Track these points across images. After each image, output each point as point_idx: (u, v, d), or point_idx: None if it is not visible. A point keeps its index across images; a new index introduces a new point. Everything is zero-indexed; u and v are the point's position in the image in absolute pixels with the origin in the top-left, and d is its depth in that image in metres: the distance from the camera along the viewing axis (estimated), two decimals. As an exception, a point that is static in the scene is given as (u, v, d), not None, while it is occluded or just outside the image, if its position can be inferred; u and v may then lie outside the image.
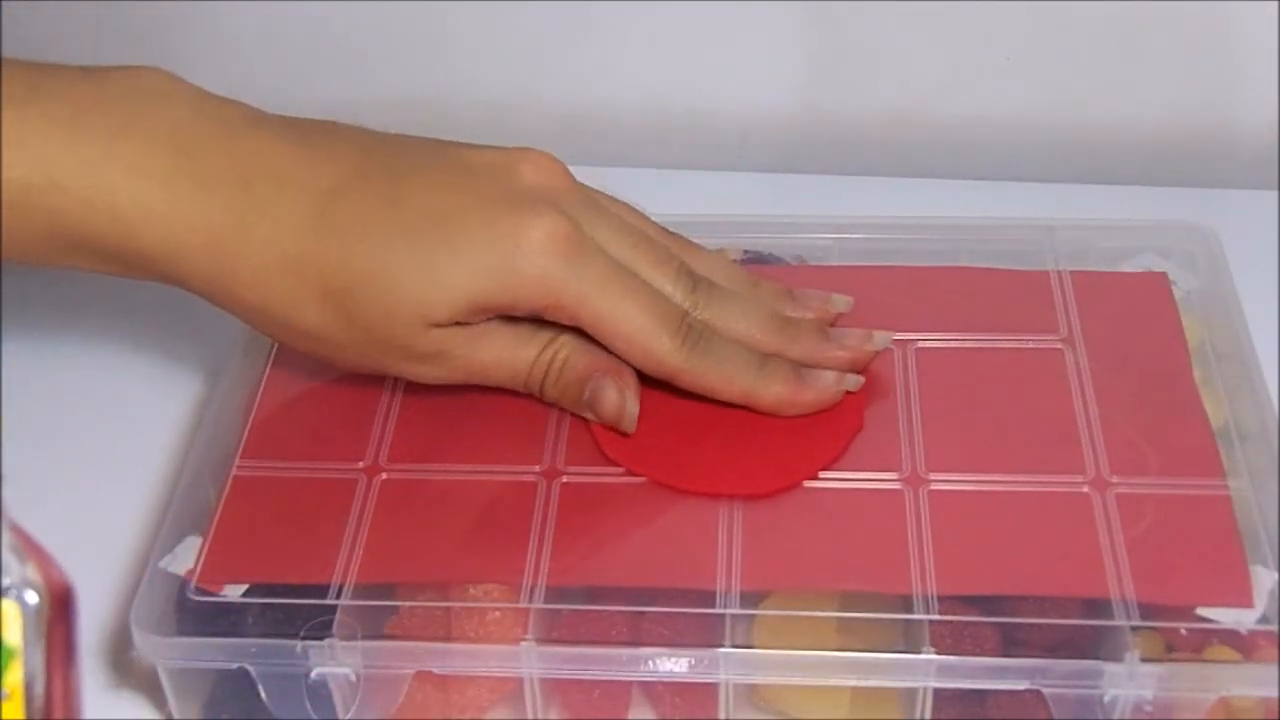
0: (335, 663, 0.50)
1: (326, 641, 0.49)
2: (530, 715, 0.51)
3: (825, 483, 0.54)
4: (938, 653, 0.48)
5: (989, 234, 0.63)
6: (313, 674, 0.50)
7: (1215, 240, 0.61)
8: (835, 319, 0.58)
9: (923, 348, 0.58)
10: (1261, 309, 0.61)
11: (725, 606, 0.50)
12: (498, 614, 0.50)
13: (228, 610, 0.51)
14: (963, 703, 0.49)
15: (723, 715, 0.51)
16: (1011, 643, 0.49)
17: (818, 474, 0.54)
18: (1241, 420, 0.55)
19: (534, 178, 0.54)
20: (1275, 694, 0.48)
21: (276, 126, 0.53)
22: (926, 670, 0.48)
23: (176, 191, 0.51)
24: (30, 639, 0.37)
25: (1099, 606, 0.49)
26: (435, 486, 0.54)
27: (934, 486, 0.53)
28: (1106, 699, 0.48)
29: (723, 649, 0.49)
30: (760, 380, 0.55)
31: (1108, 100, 0.74)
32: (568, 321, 0.53)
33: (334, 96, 0.77)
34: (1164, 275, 0.61)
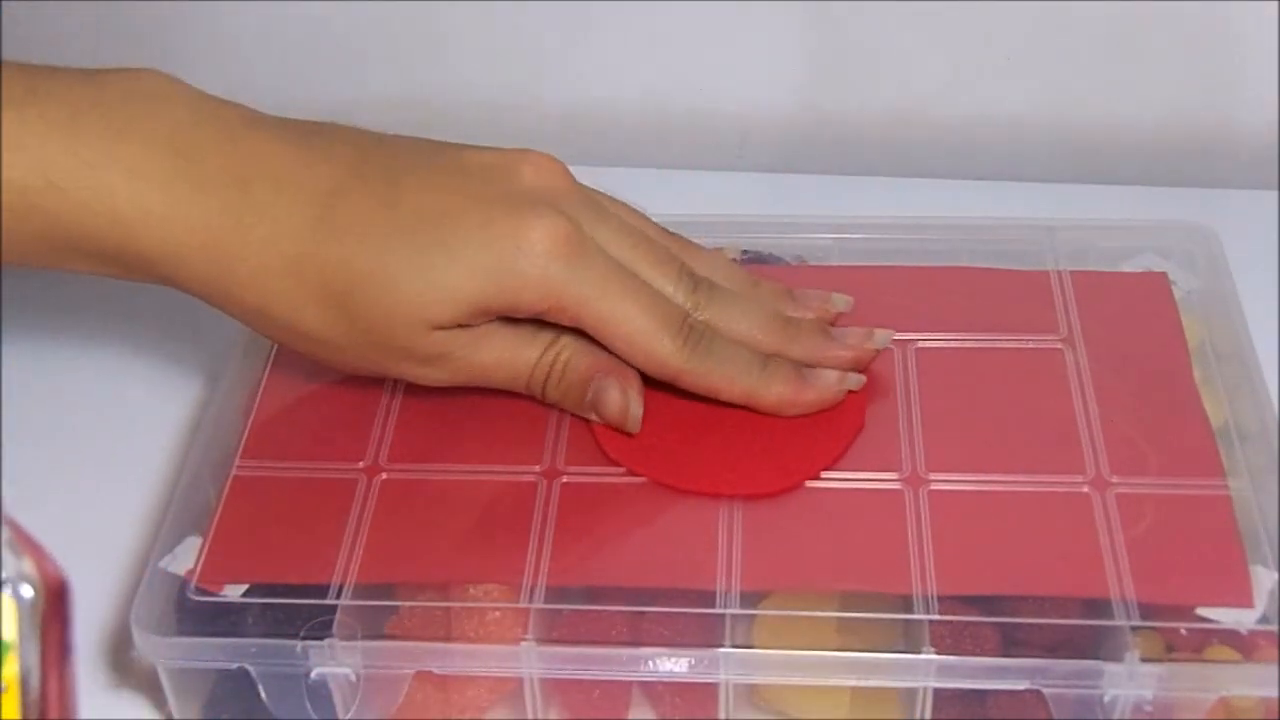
0: (335, 663, 0.50)
1: (326, 641, 0.49)
2: (530, 715, 0.51)
3: (825, 483, 0.54)
4: (938, 653, 0.48)
5: (989, 234, 0.63)
6: (313, 674, 0.50)
7: (1215, 240, 0.61)
8: (835, 318, 0.58)
9: (923, 348, 0.58)
10: (1261, 309, 0.61)
11: (725, 606, 0.50)
12: (498, 614, 0.50)
13: (228, 610, 0.51)
14: (963, 703, 0.49)
15: (723, 715, 0.51)
16: (1011, 643, 0.49)
17: (819, 474, 0.54)
18: (1241, 420, 0.55)
19: (534, 178, 0.54)
20: (1275, 694, 0.48)
21: (275, 128, 0.53)
22: (926, 670, 0.48)
23: (175, 193, 0.51)
24: (26, 633, 0.37)
25: (1099, 606, 0.49)
26: (435, 486, 0.54)
27: (934, 486, 0.53)
28: (1106, 699, 0.48)
29: (723, 649, 0.49)
30: (762, 380, 0.55)
31: (1108, 100, 0.74)
32: (569, 323, 0.53)
33: (334, 96, 0.77)
34: (1164, 275, 0.61)
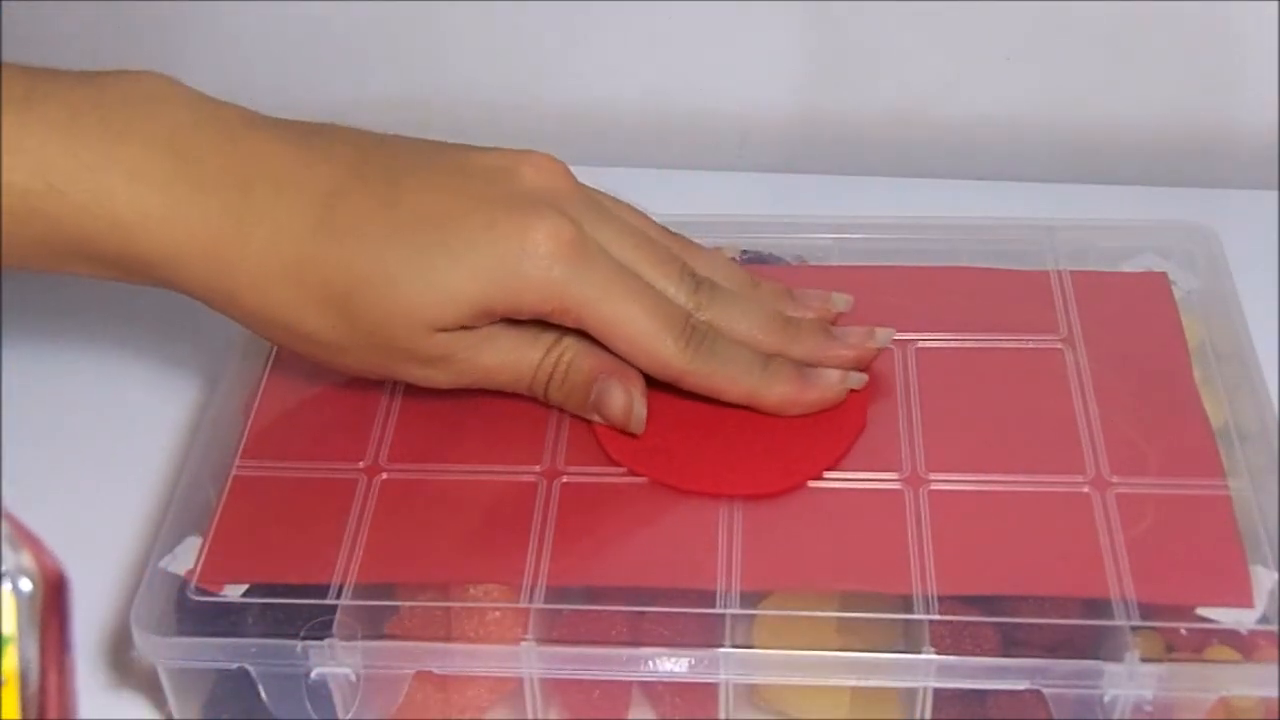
0: (335, 663, 0.50)
1: (326, 641, 0.49)
2: (530, 715, 0.51)
3: (825, 483, 0.54)
4: (938, 653, 0.48)
5: (989, 234, 0.63)
6: (313, 674, 0.50)
7: (1215, 240, 0.61)
8: (836, 318, 0.58)
9: (923, 348, 0.58)
10: (1261, 309, 0.61)
11: (725, 606, 0.50)
12: (498, 614, 0.50)
13: (228, 610, 0.51)
14: (963, 703, 0.49)
15: (723, 715, 0.51)
16: (1011, 643, 0.49)
17: (822, 474, 0.54)
18: (1241, 420, 0.55)
19: (535, 179, 0.54)
20: (1275, 694, 0.48)
21: (275, 129, 0.53)
22: (926, 670, 0.48)
23: (175, 195, 0.50)
24: (25, 627, 0.37)
25: (1099, 606, 0.49)
26: (435, 486, 0.54)
27: (934, 486, 0.53)
28: (1106, 699, 0.48)
29: (723, 649, 0.49)
30: (764, 380, 0.55)
31: (1108, 100, 0.74)
32: (571, 325, 0.53)
33: (334, 96, 0.77)
34: (1164, 275, 0.61)
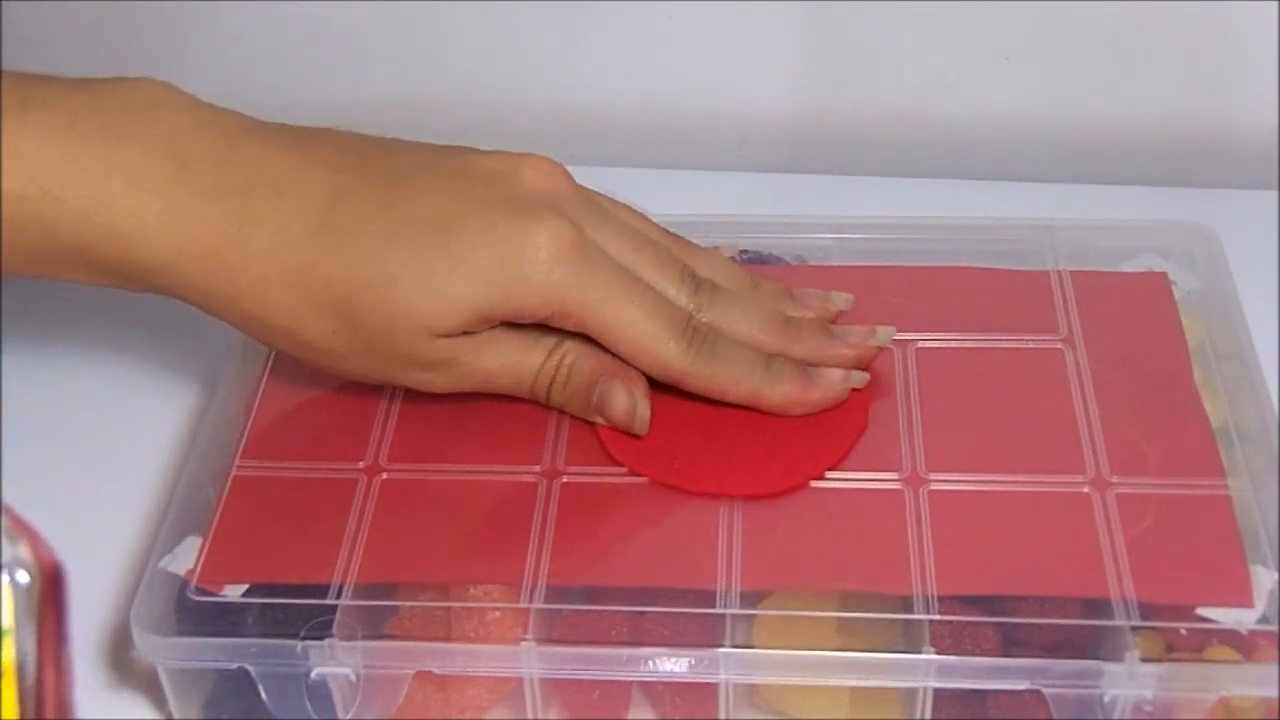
0: (335, 663, 0.50)
1: (326, 641, 0.49)
2: (530, 715, 0.51)
3: (825, 483, 0.54)
4: (938, 653, 0.48)
5: (989, 234, 0.63)
6: (313, 674, 0.50)
7: (1215, 240, 0.61)
8: (836, 317, 0.58)
9: (923, 348, 0.58)
10: (1261, 309, 0.61)
11: (725, 606, 0.50)
12: (498, 614, 0.50)
13: (228, 610, 0.51)
14: (963, 703, 0.49)
15: (723, 715, 0.51)
16: (1011, 643, 0.49)
17: (824, 474, 0.54)
18: (1241, 420, 0.55)
19: (535, 182, 0.54)
20: (1275, 694, 0.48)
21: (274, 134, 0.53)
22: (926, 670, 0.48)
23: (174, 200, 0.50)
24: (22, 619, 0.37)
25: (1099, 606, 0.49)
26: (435, 486, 0.54)
27: (934, 486, 0.53)
28: (1106, 699, 0.48)
29: (723, 649, 0.49)
30: (767, 380, 0.55)
31: (1108, 100, 0.74)
32: (573, 327, 0.53)
33: (334, 96, 0.77)
34: (1164, 275, 0.61)
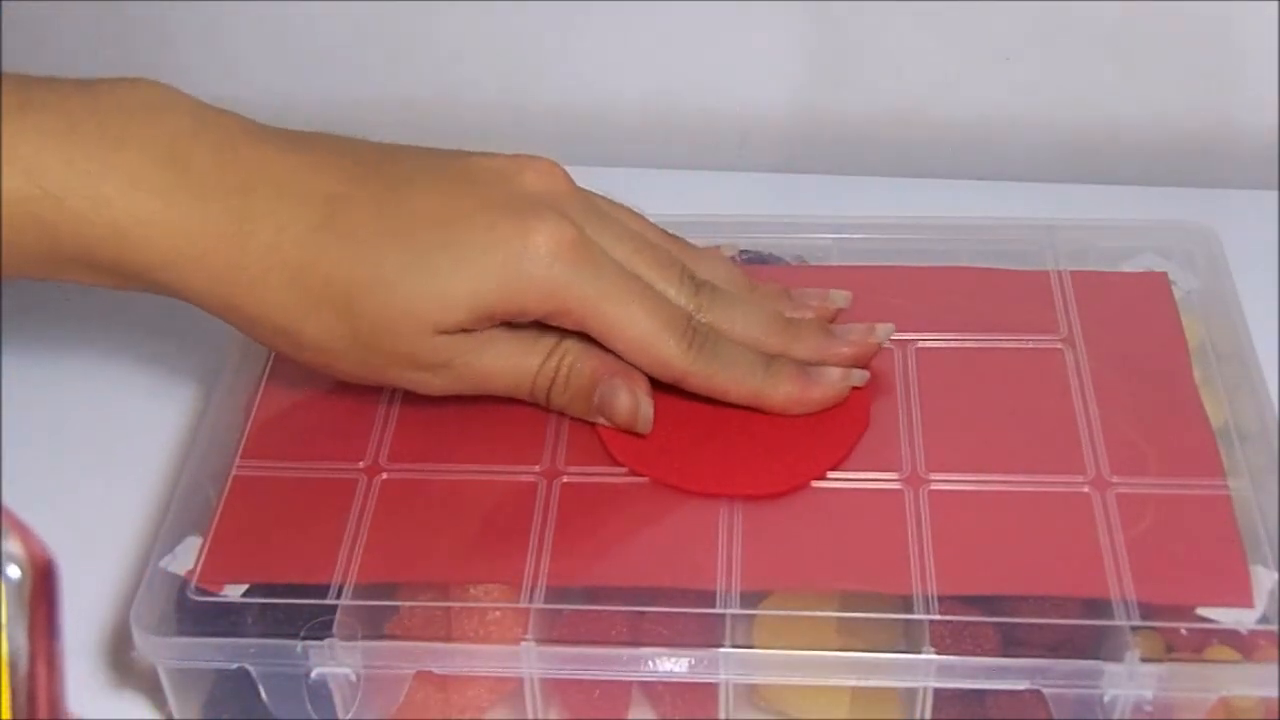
0: (335, 663, 0.50)
1: (326, 641, 0.49)
2: (530, 715, 0.51)
3: (825, 483, 0.54)
4: (938, 653, 0.48)
5: (989, 234, 0.63)
6: (313, 674, 0.50)
7: (1215, 240, 0.61)
8: (835, 315, 0.58)
9: (923, 348, 0.58)
10: (1261, 309, 0.61)
11: (725, 606, 0.50)
12: (498, 614, 0.50)
13: (228, 610, 0.51)
14: (963, 703, 0.49)
15: (723, 715, 0.51)
16: (1011, 643, 0.49)
17: (825, 474, 0.54)
18: (1241, 420, 0.55)
19: (536, 183, 0.54)
20: (1275, 694, 0.48)
21: (275, 137, 0.53)
22: (926, 670, 0.48)
23: (174, 202, 0.50)
24: (14, 614, 0.37)
25: (1099, 606, 0.49)
26: (435, 486, 0.54)
27: (934, 486, 0.53)
28: (1106, 699, 0.48)
29: (723, 649, 0.49)
30: (768, 380, 0.55)
31: (1108, 100, 0.74)
32: (573, 326, 0.53)
33: (334, 96, 0.77)
34: (1164, 275, 0.61)
